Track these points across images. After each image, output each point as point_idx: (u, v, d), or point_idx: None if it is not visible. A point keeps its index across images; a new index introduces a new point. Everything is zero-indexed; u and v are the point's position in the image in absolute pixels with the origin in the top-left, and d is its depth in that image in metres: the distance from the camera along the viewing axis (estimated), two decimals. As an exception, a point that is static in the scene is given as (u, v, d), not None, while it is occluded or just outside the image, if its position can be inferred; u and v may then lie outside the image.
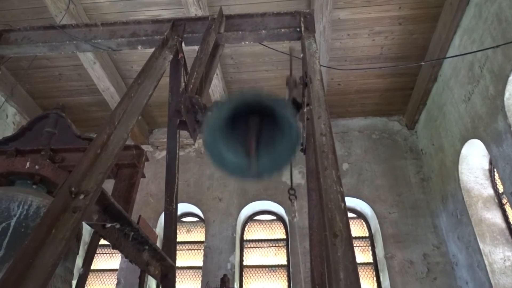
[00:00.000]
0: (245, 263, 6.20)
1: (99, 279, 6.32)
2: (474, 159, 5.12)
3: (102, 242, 1.86)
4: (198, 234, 6.62)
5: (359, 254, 6.15)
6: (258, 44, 3.29)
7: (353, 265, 1.09)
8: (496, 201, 4.98)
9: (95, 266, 6.28)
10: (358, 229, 6.42)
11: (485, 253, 4.66)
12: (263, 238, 6.46)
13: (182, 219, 6.73)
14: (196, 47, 2.56)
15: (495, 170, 4.81)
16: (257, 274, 6.08)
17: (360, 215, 6.52)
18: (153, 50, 2.44)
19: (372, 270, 6.00)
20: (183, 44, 2.84)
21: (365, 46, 5.70)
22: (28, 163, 2.29)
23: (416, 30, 5.44)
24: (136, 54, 5.78)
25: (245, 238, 6.50)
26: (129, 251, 2.03)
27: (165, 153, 3.16)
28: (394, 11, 5.19)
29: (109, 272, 6.36)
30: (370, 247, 6.22)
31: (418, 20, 5.29)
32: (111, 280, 6.26)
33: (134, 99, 1.92)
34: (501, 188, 4.81)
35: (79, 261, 2.56)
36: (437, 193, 5.99)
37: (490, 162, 5.04)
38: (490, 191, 5.05)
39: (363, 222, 6.48)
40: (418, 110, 6.47)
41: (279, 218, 6.61)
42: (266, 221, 6.69)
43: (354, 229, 6.39)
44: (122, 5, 5.10)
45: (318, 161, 1.49)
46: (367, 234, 6.36)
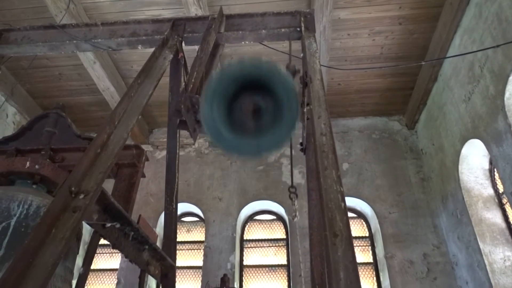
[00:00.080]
0: (245, 263, 6.19)
1: (99, 279, 6.32)
2: (474, 159, 5.12)
3: (102, 242, 1.86)
4: (198, 234, 6.62)
5: (359, 254, 6.15)
6: (258, 43, 3.29)
7: (353, 264, 1.10)
8: (496, 201, 4.98)
9: (95, 266, 6.28)
10: (358, 229, 6.42)
11: (485, 253, 4.66)
12: (263, 238, 6.46)
13: (182, 219, 6.73)
14: (196, 47, 2.56)
15: (495, 170, 4.81)
16: (257, 274, 6.08)
17: (360, 215, 6.52)
18: (153, 49, 2.44)
19: (372, 270, 6.00)
20: (183, 43, 2.84)
21: (365, 46, 5.70)
22: (28, 163, 2.29)
23: (416, 30, 5.44)
24: (136, 53, 5.78)
25: (245, 238, 6.50)
26: (129, 251, 2.02)
27: (165, 152, 3.16)
28: (395, 11, 5.19)
29: (109, 271, 6.36)
30: (370, 247, 6.22)
31: (419, 20, 5.29)
32: (111, 279, 6.26)
33: (134, 99, 1.92)
34: (501, 188, 4.81)
35: (79, 260, 2.56)
36: (437, 193, 5.99)
37: (490, 162, 5.04)
38: (490, 191, 5.05)
39: (363, 222, 6.48)
40: (418, 110, 6.47)
41: (279, 218, 6.61)
42: (266, 221, 6.69)
43: (354, 229, 6.39)
44: (122, 4, 5.10)
45: (318, 160, 1.49)
46: (367, 234, 6.36)
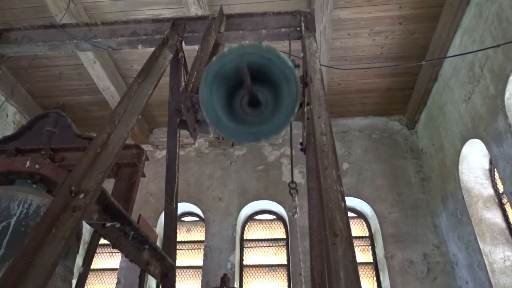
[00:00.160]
0: (245, 263, 6.19)
1: (99, 278, 6.32)
2: (474, 159, 5.12)
3: (102, 242, 1.86)
4: (198, 234, 6.62)
5: (359, 254, 6.15)
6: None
7: (353, 264, 1.09)
8: (496, 201, 4.97)
9: (95, 265, 6.28)
10: (358, 228, 6.42)
11: (485, 252, 4.66)
12: (263, 238, 6.46)
13: (182, 219, 6.73)
14: (196, 47, 2.56)
15: (495, 169, 4.81)
16: (257, 274, 6.08)
17: (360, 215, 6.52)
18: (153, 49, 2.44)
19: (372, 270, 6.00)
20: (183, 43, 2.84)
21: (365, 45, 5.70)
22: (28, 162, 2.29)
23: (416, 30, 5.44)
24: (136, 53, 5.78)
25: (245, 238, 6.50)
26: (129, 251, 2.02)
27: (165, 152, 3.16)
28: (395, 11, 5.19)
29: (109, 271, 6.36)
30: (370, 247, 6.22)
31: (419, 19, 5.29)
32: (111, 279, 6.26)
33: (134, 99, 1.92)
34: (501, 188, 4.81)
35: (79, 260, 2.56)
36: (437, 192, 5.99)
37: (491, 162, 5.04)
38: (490, 191, 5.05)
39: (363, 222, 6.48)
40: (419, 109, 6.47)
41: (279, 218, 6.61)
42: (266, 220, 6.69)
43: (354, 228, 6.39)
44: (122, 4, 5.10)
45: (319, 160, 1.49)
46: (367, 234, 6.36)
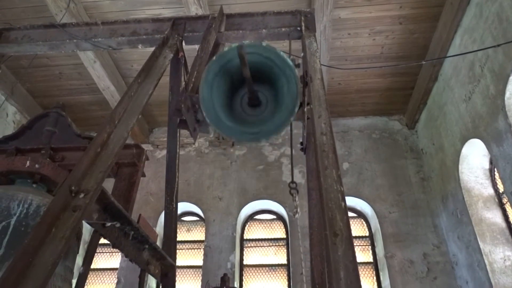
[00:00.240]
0: (245, 262, 6.20)
1: (99, 278, 6.32)
2: (474, 159, 5.12)
3: (102, 241, 1.86)
4: (198, 233, 6.62)
5: (359, 254, 6.15)
6: (258, 43, 3.29)
7: (353, 264, 1.09)
8: (496, 200, 4.97)
9: (95, 265, 6.28)
10: (358, 228, 6.42)
11: (485, 252, 4.66)
12: (263, 237, 6.46)
13: (182, 218, 6.73)
14: (196, 46, 2.56)
15: (496, 169, 4.81)
16: (257, 273, 6.08)
17: (360, 215, 6.52)
18: (153, 49, 2.44)
19: (372, 270, 6.00)
20: (184, 43, 2.84)
21: (365, 45, 5.70)
22: (28, 162, 2.29)
23: (416, 30, 5.44)
24: (136, 53, 5.78)
25: (245, 237, 6.50)
26: (129, 250, 2.02)
27: (165, 152, 3.16)
28: (395, 11, 5.18)
29: (109, 271, 6.36)
30: (370, 247, 6.22)
31: (419, 19, 5.28)
32: (111, 279, 6.26)
33: (134, 98, 1.92)
34: (501, 187, 4.81)
35: (79, 260, 2.56)
36: (437, 192, 5.99)
37: (491, 162, 5.04)
38: (491, 191, 5.04)
39: (363, 222, 6.48)
40: (419, 109, 6.47)
41: (279, 218, 6.61)
42: (266, 220, 6.69)
43: (354, 228, 6.39)
44: (122, 4, 5.10)
45: (319, 160, 1.49)
46: (367, 234, 6.36)
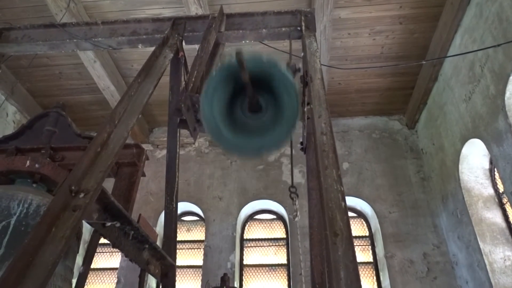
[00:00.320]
0: (245, 262, 6.20)
1: (99, 278, 6.32)
2: (474, 159, 5.12)
3: (102, 241, 1.86)
4: (198, 233, 6.62)
5: (359, 254, 6.14)
6: (258, 43, 3.29)
7: (353, 264, 1.09)
8: (496, 200, 4.97)
9: (95, 265, 6.28)
10: (358, 228, 6.42)
11: (485, 252, 4.66)
12: (263, 237, 6.46)
13: (182, 218, 6.73)
14: (196, 46, 2.56)
15: (496, 169, 4.81)
16: (257, 273, 6.08)
17: (360, 215, 6.52)
18: (153, 48, 2.44)
19: (372, 270, 6.00)
20: (184, 42, 2.84)
21: (365, 45, 5.69)
22: (28, 162, 2.28)
23: (417, 30, 5.44)
24: (136, 52, 5.78)
25: (245, 237, 6.50)
26: (129, 250, 2.02)
27: (165, 152, 3.16)
28: (395, 10, 5.18)
29: (109, 270, 6.36)
30: (370, 247, 6.22)
31: (419, 19, 5.28)
32: (111, 279, 6.26)
33: (134, 98, 1.92)
34: (501, 187, 4.81)
35: (79, 259, 2.56)
36: (437, 192, 5.99)
37: (491, 162, 5.04)
38: (491, 191, 5.04)
39: (363, 222, 6.48)
40: (419, 109, 6.47)
41: (279, 217, 6.61)
42: (266, 220, 6.69)
43: (354, 228, 6.39)
44: (122, 3, 5.09)
45: (319, 160, 1.49)
46: (367, 234, 6.36)
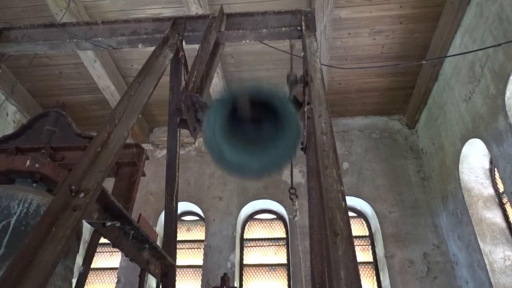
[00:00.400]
0: (245, 262, 6.20)
1: (99, 278, 6.32)
2: (474, 159, 5.12)
3: (102, 241, 1.86)
4: (198, 233, 6.62)
5: (359, 253, 6.14)
6: (258, 42, 3.28)
7: (354, 264, 1.09)
8: (496, 200, 4.97)
9: (95, 265, 6.28)
10: (358, 228, 6.42)
11: (485, 252, 4.66)
12: (263, 237, 6.47)
13: (182, 218, 6.73)
14: (196, 46, 2.55)
15: (496, 169, 4.81)
16: (257, 273, 6.08)
17: (360, 214, 6.52)
18: (153, 48, 2.44)
19: (372, 269, 6.00)
20: (184, 42, 2.83)
21: (366, 45, 5.69)
22: (28, 161, 2.28)
23: (417, 29, 5.43)
24: (136, 52, 5.78)
25: (245, 237, 6.50)
26: (129, 250, 2.02)
27: (165, 151, 3.16)
28: (395, 10, 5.18)
29: (109, 270, 6.37)
30: (370, 246, 6.22)
31: (419, 19, 5.28)
32: (111, 278, 6.26)
33: (134, 98, 1.91)
34: (501, 187, 4.81)
35: (79, 259, 2.56)
36: (437, 192, 5.99)
37: (491, 162, 5.04)
38: (491, 191, 5.04)
39: (363, 221, 6.48)
40: (419, 109, 6.47)
41: (279, 217, 6.61)
42: (266, 220, 6.69)
43: (354, 228, 6.39)
44: (122, 3, 5.09)
45: (319, 160, 1.49)
46: (367, 233, 6.36)
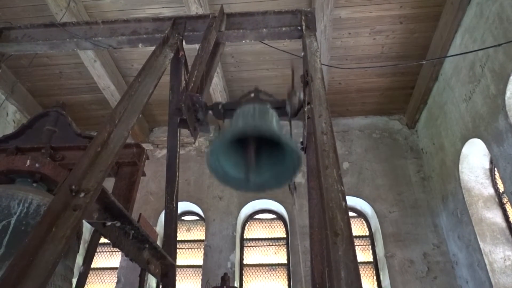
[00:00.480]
0: (245, 262, 6.20)
1: (100, 277, 6.33)
2: (474, 159, 5.12)
3: (102, 241, 1.86)
4: (198, 233, 6.62)
5: (359, 253, 6.15)
6: (258, 42, 3.28)
7: (354, 264, 1.09)
8: (496, 200, 4.97)
9: (95, 264, 6.29)
10: (358, 228, 6.42)
11: (485, 252, 4.66)
12: (263, 237, 6.47)
13: (183, 218, 6.73)
14: (197, 46, 2.55)
15: (496, 169, 4.81)
16: (257, 273, 6.08)
17: (360, 214, 6.52)
18: (153, 48, 2.44)
19: (372, 269, 6.00)
20: (184, 42, 2.83)
21: (366, 45, 5.69)
22: (28, 161, 2.28)
23: (417, 29, 5.43)
24: (136, 52, 5.78)
25: (245, 237, 6.50)
26: (129, 250, 2.02)
27: (165, 151, 3.16)
28: (395, 10, 5.18)
29: (109, 270, 6.37)
30: (370, 246, 6.22)
31: (419, 19, 5.28)
32: (111, 278, 6.26)
33: (134, 97, 1.91)
34: (501, 187, 4.81)
35: (80, 259, 2.56)
36: (437, 192, 5.99)
37: (491, 162, 5.04)
38: (491, 191, 5.04)
39: (363, 221, 6.48)
40: (419, 109, 6.47)
41: (279, 217, 6.61)
42: (266, 219, 6.69)
43: (355, 228, 6.39)
44: (122, 3, 5.09)
45: (319, 160, 1.49)
46: (367, 233, 6.36)
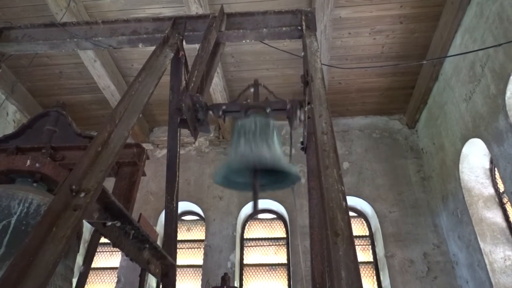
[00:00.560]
0: (245, 262, 6.20)
1: (100, 277, 6.33)
2: (474, 158, 5.12)
3: (102, 240, 1.86)
4: (199, 233, 6.62)
5: (360, 253, 6.14)
6: (259, 42, 3.28)
7: (354, 264, 1.09)
8: (496, 200, 4.97)
9: (96, 264, 6.28)
10: (358, 228, 6.42)
11: (485, 252, 4.66)
12: (264, 237, 6.47)
13: (183, 218, 6.73)
14: (197, 45, 2.55)
15: (496, 169, 4.80)
16: (257, 273, 6.09)
17: (360, 214, 6.52)
18: (154, 48, 2.44)
19: (372, 269, 6.00)
20: (184, 42, 2.83)
21: (366, 44, 5.69)
22: (28, 161, 2.28)
23: (417, 29, 5.43)
24: (136, 52, 5.78)
25: (245, 237, 6.50)
26: (129, 249, 2.02)
27: (165, 151, 3.16)
28: (396, 10, 5.18)
29: (109, 270, 6.37)
30: (370, 246, 6.22)
31: (420, 19, 5.28)
32: (112, 278, 6.26)
33: (135, 97, 1.91)
34: (501, 187, 4.81)
35: (80, 259, 2.57)
36: (437, 192, 5.99)
37: (491, 161, 5.03)
38: (491, 190, 5.04)
39: (364, 221, 6.48)
40: (419, 109, 6.47)
41: (280, 217, 6.61)
42: (267, 219, 6.69)
43: (355, 228, 6.39)
44: (122, 3, 5.09)
45: (320, 159, 1.49)
46: (368, 233, 6.36)
